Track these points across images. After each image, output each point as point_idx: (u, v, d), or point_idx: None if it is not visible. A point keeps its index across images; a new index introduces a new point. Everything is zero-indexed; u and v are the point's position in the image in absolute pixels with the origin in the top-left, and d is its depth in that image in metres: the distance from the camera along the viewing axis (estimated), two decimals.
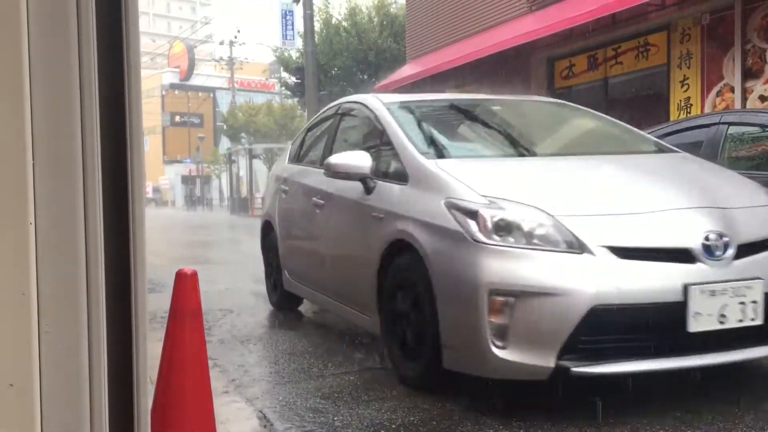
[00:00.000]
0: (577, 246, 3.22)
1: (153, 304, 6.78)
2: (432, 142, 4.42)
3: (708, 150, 6.17)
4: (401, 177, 4.04)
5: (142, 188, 0.84)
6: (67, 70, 0.75)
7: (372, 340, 4.63)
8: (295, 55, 31.42)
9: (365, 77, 27.79)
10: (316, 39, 24.00)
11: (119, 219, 0.82)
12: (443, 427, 3.26)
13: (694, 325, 3.13)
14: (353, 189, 4.33)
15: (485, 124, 5.19)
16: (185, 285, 2.58)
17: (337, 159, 4.35)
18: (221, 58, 57.76)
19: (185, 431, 2.50)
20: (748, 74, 9.85)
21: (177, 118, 72.67)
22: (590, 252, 3.20)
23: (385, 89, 19.20)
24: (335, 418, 3.40)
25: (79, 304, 0.78)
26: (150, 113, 74.69)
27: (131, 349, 0.83)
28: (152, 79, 79.36)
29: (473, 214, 3.38)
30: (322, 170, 4.78)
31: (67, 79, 0.76)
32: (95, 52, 0.75)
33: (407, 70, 18.36)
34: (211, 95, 74.81)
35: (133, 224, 0.82)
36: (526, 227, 3.31)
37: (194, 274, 2.60)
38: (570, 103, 5.77)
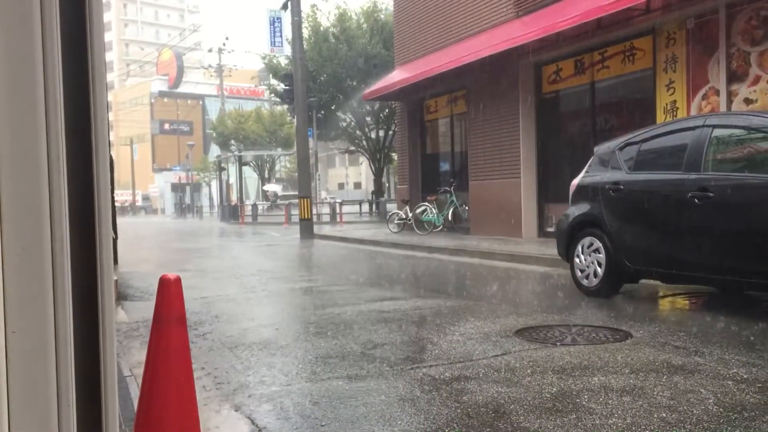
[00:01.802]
0: None
1: (141, 312, 6.76)
2: None
3: (693, 152, 6.22)
4: None
5: (108, 189, 0.83)
6: (30, 70, 0.75)
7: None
8: (283, 62, 31.42)
9: (354, 83, 27.80)
10: (304, 45, 23.99)
11: (85, 220, 0.82)
12: (433, 429, 3.26)
13: None
14: None
15: None
16: (169, 291, 2.57)
17: None
18: (210, 66, 57.69)
19: None
20: (733, 77, 9.93)
21: (166, 126, 72.53)
22: None
23: (374, 95, 19.25)
24: (323, 423, 3.40)
25: (45, 305, 0.78)
26: (139, 121, 74.52)
27: (99, 350, 0.83)
28: (141, 87, 79.15)
29: None
30: None
31: (31, 80, 0.75)
32: (59, 50, 0.75)
33: (396, 76, 18.39)
34: (200, 102, 74.72)
35: (99, 226, 0.81)
36: None
37: (178, 280, 2.58)
38: None
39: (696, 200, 5.96)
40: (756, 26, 9.63)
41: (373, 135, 30.14)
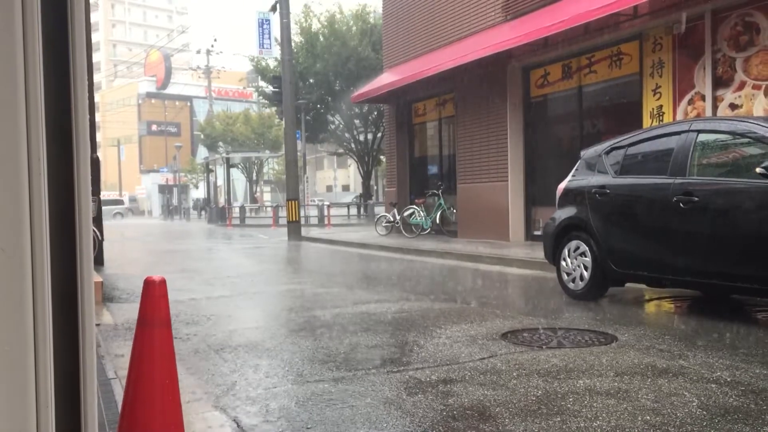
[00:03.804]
0: None
1: (126, 314, 6.72)
2: None
3: (678, 157, 6.26)
4: None
5: (89, 191, 0.83)
6: (11, 71, 0.74)
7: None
8: (272, 64, 31.35)
9: (343, 86, 27.77)
10: (294, 47, 23.95)
11: (66, 222, 0.81)
12: (415, 430, 3.27)
13: None
14: None
15: None
16: (154, 293, 2.55)
17: None
18: (198, 67, 57.47)
19: None
20: (719, 83, 10.01)
21: (154, 127, 72.17)
22: None
23: (363, 98, 19.24)
24: (309, 426, 3.39)
25: (24, 307, 0.77)
26: (126, 122, 74.13)
27: (78, 352, 0.82)
28: (128, 88, 78.73)
29: None
30: None
31: (12, 80, 0.75)
32: (40, 50, 0.74)
33: (384, 79, 18.40)
34: (188, 104, 74.42)
35: (79, 228, 0.81)
36: None
37: (163, 282, 2.57)
38: None
39: (681, 204, 6.00)
40: (741, 32, 9.72)
41: (361, 137, 30.14)
